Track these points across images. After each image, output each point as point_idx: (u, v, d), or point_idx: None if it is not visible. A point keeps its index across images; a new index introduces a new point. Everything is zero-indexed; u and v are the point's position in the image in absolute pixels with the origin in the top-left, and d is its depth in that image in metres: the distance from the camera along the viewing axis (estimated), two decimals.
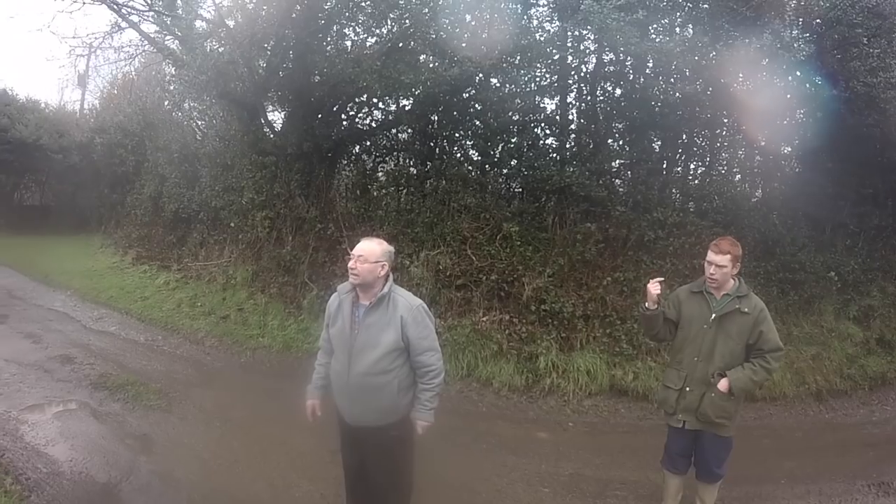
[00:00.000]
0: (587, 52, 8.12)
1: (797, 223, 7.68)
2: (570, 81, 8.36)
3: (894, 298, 7.75)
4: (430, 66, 7.56)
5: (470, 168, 8.44)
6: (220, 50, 8.05)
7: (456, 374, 6.30)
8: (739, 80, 6.93)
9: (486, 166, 8.51)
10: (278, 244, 8.66)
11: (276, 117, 10.04)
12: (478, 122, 8.23)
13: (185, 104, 12.25)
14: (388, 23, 7.80)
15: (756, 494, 4.41)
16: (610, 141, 8.35)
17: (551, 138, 8.48)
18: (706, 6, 6.93)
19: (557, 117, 8.42)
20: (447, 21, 7.02)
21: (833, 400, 6.52)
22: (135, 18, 8.66)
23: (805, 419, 6.17)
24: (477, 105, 8.15)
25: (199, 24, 8.50)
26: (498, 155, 8.27)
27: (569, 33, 7.60)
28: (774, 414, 6.16)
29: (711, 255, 3.47)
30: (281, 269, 8.39)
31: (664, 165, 8.51)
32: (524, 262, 7.16)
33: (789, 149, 8.49)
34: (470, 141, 8.53)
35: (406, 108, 8.69)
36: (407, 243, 7.53)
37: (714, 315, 3.48)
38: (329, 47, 8.28)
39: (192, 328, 7.94)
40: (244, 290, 8.59)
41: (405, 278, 6.89)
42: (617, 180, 8.51)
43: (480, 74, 7.42)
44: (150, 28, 9.09)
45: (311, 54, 7.80)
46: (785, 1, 7.06)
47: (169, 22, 8.47)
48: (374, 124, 9.45)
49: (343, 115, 9.38)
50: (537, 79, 8.18)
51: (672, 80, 7.49)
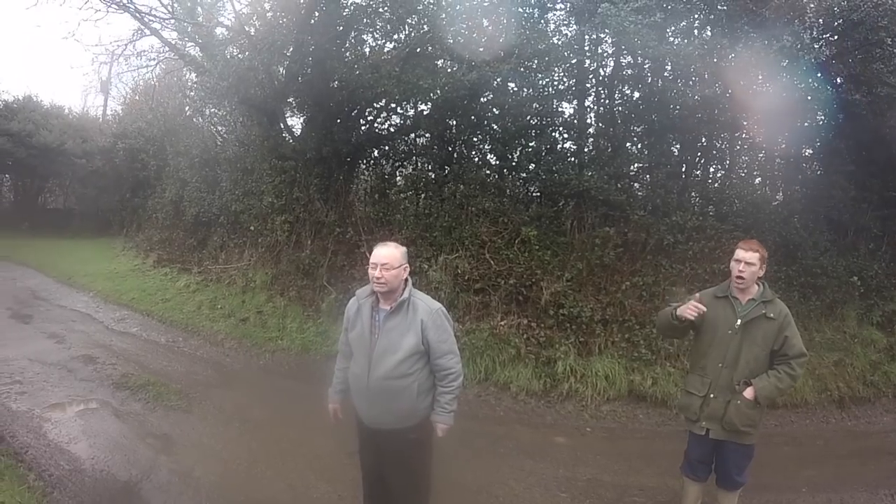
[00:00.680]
0: (605, 55, 8.14)
1: (819, 227, 7.56)
2: (587, 85, 8.35)
3: None
4: (448, 70, 7.62)
5: (488, 172, 8.45)
6: (241, 56, 8.19)
7: (474, 378, 6.29)
8: (759, 82, 6.86)
9: (504, 170, 8.52)
10: (297, 248, 8.74)
11: (296, 122, 10.16)
12: (495, 127, 8.24)
13: (206, 110, 12.48)
14: (406, 28, 7.89)
15: (776, 503, 4.35)
16: (628, 144, 8.30)
17: (569, 142, 8.45)
18: (724, 8, 6.88)
19: (575, 121, 8.39)
20: (464, 26, 7.07)
21: (856, 407, 6.37)
22: (156, 26, 8.79)
23: (827, 427, 6.05)
24: (494, 109, 8.17)
25: (220, 31, 8.68)
26: (516, 159, 8.29)
27: (586, 37, 7.61)
28: (796, 421, 6.05)
29: (740, 253, 3.42)
30: (300, 273, 8.46)
31: (683, 169, 8.46)
32: (542, 267, 7.15)
33: (810, 151, 8.41)
34: (488, 145, 8.56)
35: (424, 113, 8.74)
36: (425, 247, 7.56)
37: (740, 321, 3.42)
38: (348, 53, 8.34)
39: (212, 330, 8.05)
40: (263, 293, 8.68)
41: (424, 282, 6.91)
42: (636, 184, 8.46)
43: (498, 79, 7.41)
44: (171, 35, 9.26)
45: (330, 60, 7.87)
46: (805, 2, 6.99)
47: (190, 29, 8.61)
48: (392, 129, 9.51)
49: (362, 120, 9.45)
50: (555, 82, 8.16)
51: (691, 82, 7.46)
